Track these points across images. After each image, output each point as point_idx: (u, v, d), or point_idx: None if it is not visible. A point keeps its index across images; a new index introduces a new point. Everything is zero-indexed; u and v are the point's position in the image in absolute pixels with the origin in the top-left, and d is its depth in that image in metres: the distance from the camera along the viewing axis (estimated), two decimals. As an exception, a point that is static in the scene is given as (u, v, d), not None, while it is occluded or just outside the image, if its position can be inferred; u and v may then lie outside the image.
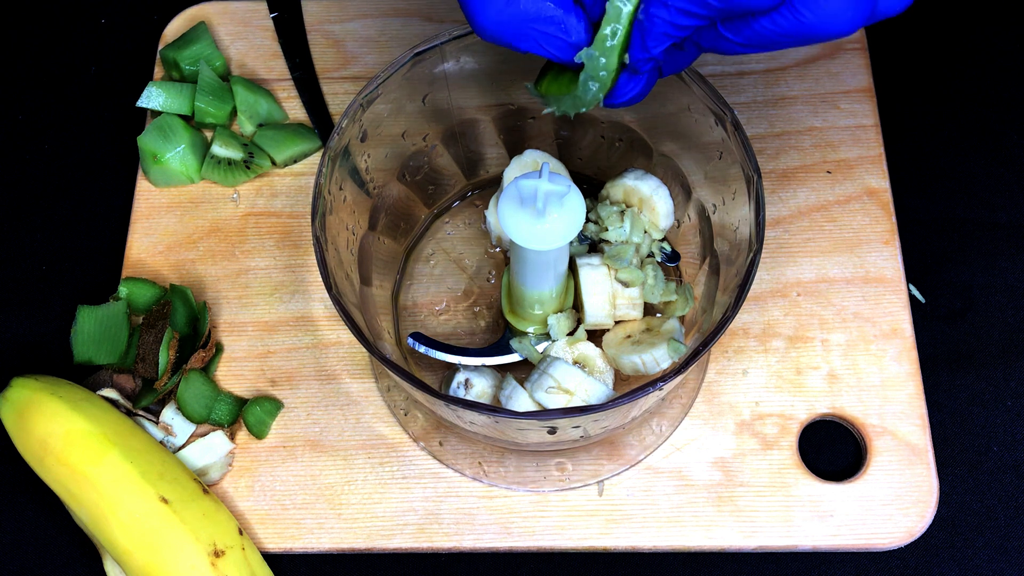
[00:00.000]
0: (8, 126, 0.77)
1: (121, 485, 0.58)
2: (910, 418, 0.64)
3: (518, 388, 0.59)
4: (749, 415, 0.64)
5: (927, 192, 0.72)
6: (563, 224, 0.53)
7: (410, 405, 0.65)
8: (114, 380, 0.65)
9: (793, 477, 0.63)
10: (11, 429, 0.61)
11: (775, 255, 0.69)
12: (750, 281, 0.53)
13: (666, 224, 0.64)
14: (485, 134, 0.67)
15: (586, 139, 0.67)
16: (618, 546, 0.62)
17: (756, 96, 0.73)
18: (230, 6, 0.78)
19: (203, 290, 0.69)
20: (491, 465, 0.63)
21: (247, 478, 0.64)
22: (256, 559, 0.60)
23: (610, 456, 0.63)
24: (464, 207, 0.70)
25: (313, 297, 0.69)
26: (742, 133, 0.55)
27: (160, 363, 0.63)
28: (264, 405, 0.65)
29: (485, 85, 0.63)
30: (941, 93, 0.76)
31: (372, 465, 0.64)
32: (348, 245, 0.60)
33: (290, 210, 0.71)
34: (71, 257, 0.72)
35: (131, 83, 0.77)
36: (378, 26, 0.77)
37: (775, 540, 0.62)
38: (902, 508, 0.62)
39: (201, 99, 0.71)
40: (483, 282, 0.68)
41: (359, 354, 0.67)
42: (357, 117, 0.58)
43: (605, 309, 0.62)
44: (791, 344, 0.66)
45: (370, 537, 0.62)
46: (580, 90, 0.49)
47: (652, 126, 0.63)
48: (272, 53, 0.76)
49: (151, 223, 0.71)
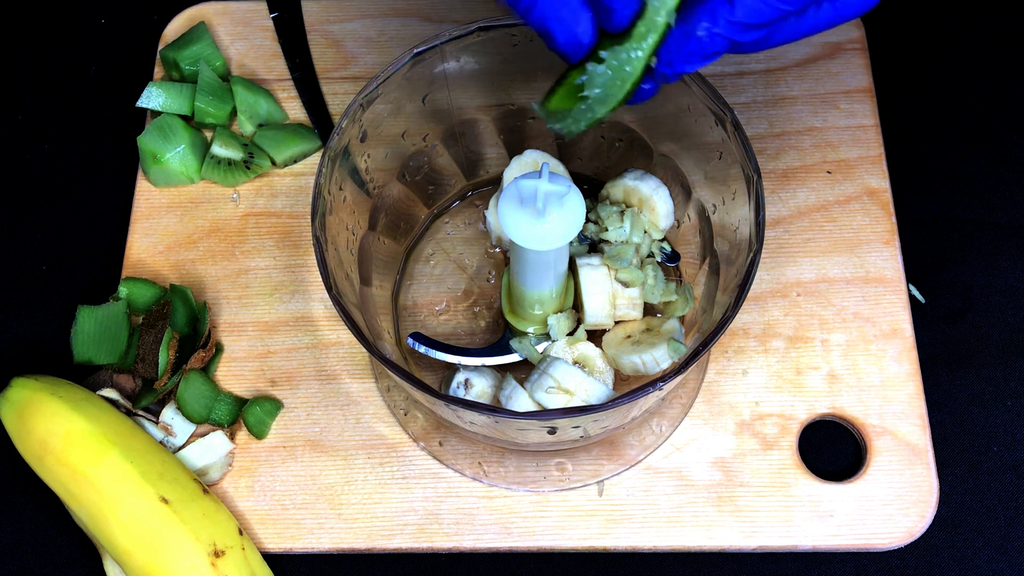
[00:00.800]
0: (8, 126, 0.77)
1: (121, 485, 0.58)
2: (910, 418, 0.64)
3: (518, 388, 0.59)
4: (749, 415, 0.64)
5: (927, 192, 0.72)
6: (563, 224, 0.53)
7: (410, 405, 0.65)
8: (114, 380, 0.65)
9: (793, 477, 0.63)
10: (11, 429, 0.61)
11: (775, 255, 0.69)
12: (750, 281, 0.53)
13: (666, 224, 0.64)
14: (485, 134, 0.67)
15: (586, 139, 0.67)
16: (618, 546, 0.62)
17: (756, 96, 0.73)
18: (230, 6, 0.78)
19: (203, 290, 0.69)
20: (491, 465, 0.63)
21: (247, 478, 0.64)
22: (256, 559, 0.60)
23: (610, 456, 0.63)
24: (464, 207, 0.70)
25: (313, 297, 0.69)
26: (742, 133, 0.55)
27: (160, 363, 0.63)
28: (264, 405, 0.65)
29: (485, 85, 0.63)
30: (941, 93, 0.76)
31: (372, 465, 0.64)
32: (348, 245, 0.60)
33: (290, 210, 0.71)
34: (71, 257, 0.72)
35: (131, 83, 0.77)
36: (378, 26, 0.77)
37: (775, 540, 0.62)
38: (902, 508, 0.62)
39: (201, 99, 0.71)
40: (483, 282, 0.68)
41: (359, 354, 0.67)
42: (357, 117, 0.58)
43: (605, 309, 0.62)
44: (791, 344, 0.66)
45: (370, 537, 0.62)
46: (578, 109, 0.48)
47: (652, 126, 0.63)
48: (272, 53, 0.76)
49: (151, 223, 0.71)
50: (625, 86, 0.47)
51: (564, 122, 0.50)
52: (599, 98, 0.48)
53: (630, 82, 0.47)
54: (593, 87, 0.48)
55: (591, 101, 0.48)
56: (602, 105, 0.48)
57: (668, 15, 0.46)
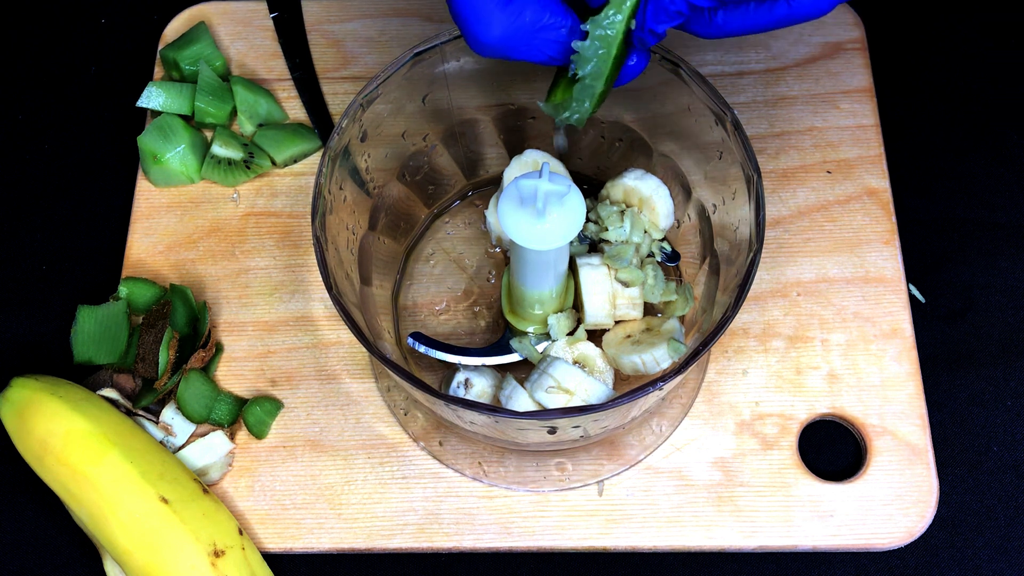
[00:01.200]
0: (8, 126, 0.77)
1: (121, 485, 0.58)
2: (910, 418, 0.64)
3: (518, 388, 0.59)
4: (749, 415, 0.64)
5: (927, 192, 0.72)
6: (563, 224, 0.53)
7: (410, 405, 0.65)
8: (114, 380, 0.65)
9: (793, 477, 0.63)
10: (11, 429, 0.61)
11: (775, 255, 0.69)
12: (750, 281, 0.53)
13: (666, 224, 0.64)
14: (485, 134, 0.67)
15: (586, 139, 0.67)
16: (618, 546, 0.62)
17: (756, 96, 0.73)
18: (230, 6, 0.78)
19: (203, 290, 0.69)
20: (491, 465, 0.63)
21: (247, 478, 0.64)
22: (256, 559, 0.60)
23: (610, 456, 0.63)
24: (464, 207, 0.70)
25: (313, 297, 0.69)
26: (742, 133, 0.55)
27: (160, 363, 0.63)
28: (264, 405, 0.65)
29: (485, 85, 0.63)
30: (941, 93, 0.76)
31: (372, 465, 0.64)
32: (348, 245, 0.60)
33: (290, 210, 0.71)
34: (71, 257, 0.72)
35: (131, 83, 0.77)
36: (378, 26, 0.77)
37: (775, 540, 0.62)
38: (902, 508, 0.62)
39: (201, 99, 0.71)
40: (483, 282, 0.68)
41: (359, 354, 0.67)
42: (357, 117, 0.58)
43: (605, 309, 0.62)
44: (791, 344, 0.66)
45: (370, 537, 0.62)
46: (578, 89, 0.51)
47: (652, 126, 0.63)
48: (272, 53, 0.76)
49: (151, 223, 0.71)
50: (612, 50, 0.50)
51: (570, 109, 0.52)
52: (593, 73, 0.50)
53: (615, 46, 0.49)
54: (585, 64, 0.50)
55: (587, 79, 0.51)
56: (597, 80, 0.51)
57: None
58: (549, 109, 0.53)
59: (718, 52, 0.75)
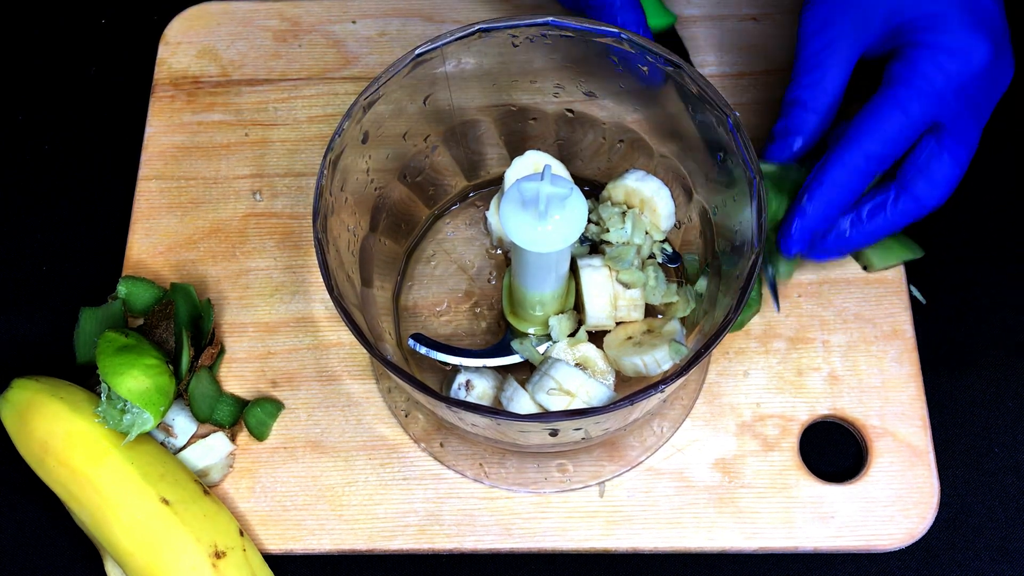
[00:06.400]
0: (8, 126, 0.77)
1: (122, 486, 0.58)
2: (911, 419, 0.64)
3: (519, 389, 0.59)
4: (750, 416, 0.64)
5: (928, 193, 0.72)
6: (565, 227, 0.53)
7: (411, 406, 0.65)
8: (115, 381, 0.64)
9: (794, 478, 0.63)
10: (12, 430, 0.61)
11: (776, 256, 0.68)
12: (752, 283, 0.53)
13: (667, 225, 0.64)
14: (486, 135, 0.67)
15: (587, 140, 0.67)
16: (619, 547, 0.62)
17: (757, 97, 0.73)
18: (230, 6, 0.78)
19: (204, 291, 0.69)
20: (492, 466, 0.63)
21: (248, 479, 0.64)
22: (257, 560, 0.60)
23: (611, 457, 0.63)
24: (465, 208, 0.70)
25: (314, 298, 0.68)
26: (743, 135, 0.55)
27: (183, 362, 0.63)
28: (265, 406, 0.65)
29: (486, 86, 0.63)
30: (942, 94, 0.76)
31: (373, 466, 0.64)
32: (349, 246, 0.59)
33: (291, 211, 0.71)
34: (71, 257, 0.72)
35: (131, 83, 0.77)
36: (379, 26, 0.77)
37: (776, 541, 0.62)
38: (903, 509, 0.62)
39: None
40: (484, 283, 0.68)
41: (360, 355, 0.67)
42: (358, 118, 0.58)
43: (606, 310, 0.62)
44: (792, 345, 0.66)
45: (371, 538, 0.62)
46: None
47: (653, 127, 0.63)
48: (272, 53, 0.76)
49: (151, 223, 0.71)
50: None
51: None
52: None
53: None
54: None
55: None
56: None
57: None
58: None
59: (719, 53, 0.75)
